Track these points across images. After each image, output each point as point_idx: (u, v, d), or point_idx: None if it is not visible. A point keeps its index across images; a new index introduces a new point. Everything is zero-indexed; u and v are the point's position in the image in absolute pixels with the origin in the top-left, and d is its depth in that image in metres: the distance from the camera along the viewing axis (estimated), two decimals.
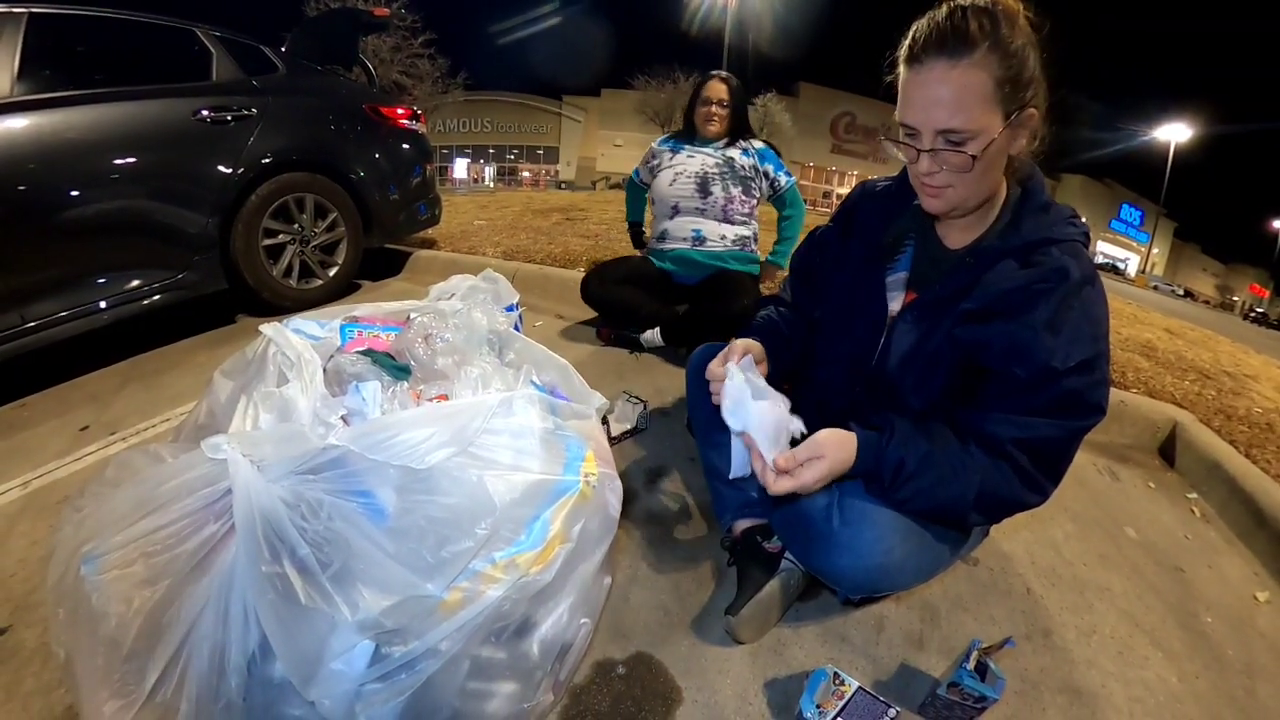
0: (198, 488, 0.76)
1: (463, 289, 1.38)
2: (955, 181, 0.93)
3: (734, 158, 2.44)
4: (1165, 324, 4.58)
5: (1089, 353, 0.90)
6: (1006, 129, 0.89)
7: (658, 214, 2.62)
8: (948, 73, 0.85)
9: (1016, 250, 0.97)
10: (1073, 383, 0.90)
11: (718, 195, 2.43)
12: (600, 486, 0.95)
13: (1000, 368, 0.95)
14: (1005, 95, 0.87)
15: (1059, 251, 0.95)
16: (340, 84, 3.38)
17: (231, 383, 1.03)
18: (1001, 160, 0.95)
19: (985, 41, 0.84)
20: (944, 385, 1.03)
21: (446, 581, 0.76)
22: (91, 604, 0.74)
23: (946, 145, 0.90)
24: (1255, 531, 1.69)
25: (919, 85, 0.89)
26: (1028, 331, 0.91)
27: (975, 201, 0.99)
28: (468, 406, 0.84)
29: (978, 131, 0.88)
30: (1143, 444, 2.21)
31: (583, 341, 2.71)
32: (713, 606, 1.25)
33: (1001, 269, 0.97)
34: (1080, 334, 0.91)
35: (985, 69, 0.85)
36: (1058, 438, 0.94)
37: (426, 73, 22.86)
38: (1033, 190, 1.02)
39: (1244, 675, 1.23)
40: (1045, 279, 0.93)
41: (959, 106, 0.86)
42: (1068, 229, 0.98)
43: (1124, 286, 22.26)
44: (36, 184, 2.04)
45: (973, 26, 0.84)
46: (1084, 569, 1.49)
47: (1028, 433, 0.93)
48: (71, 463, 1.70)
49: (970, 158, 0.89)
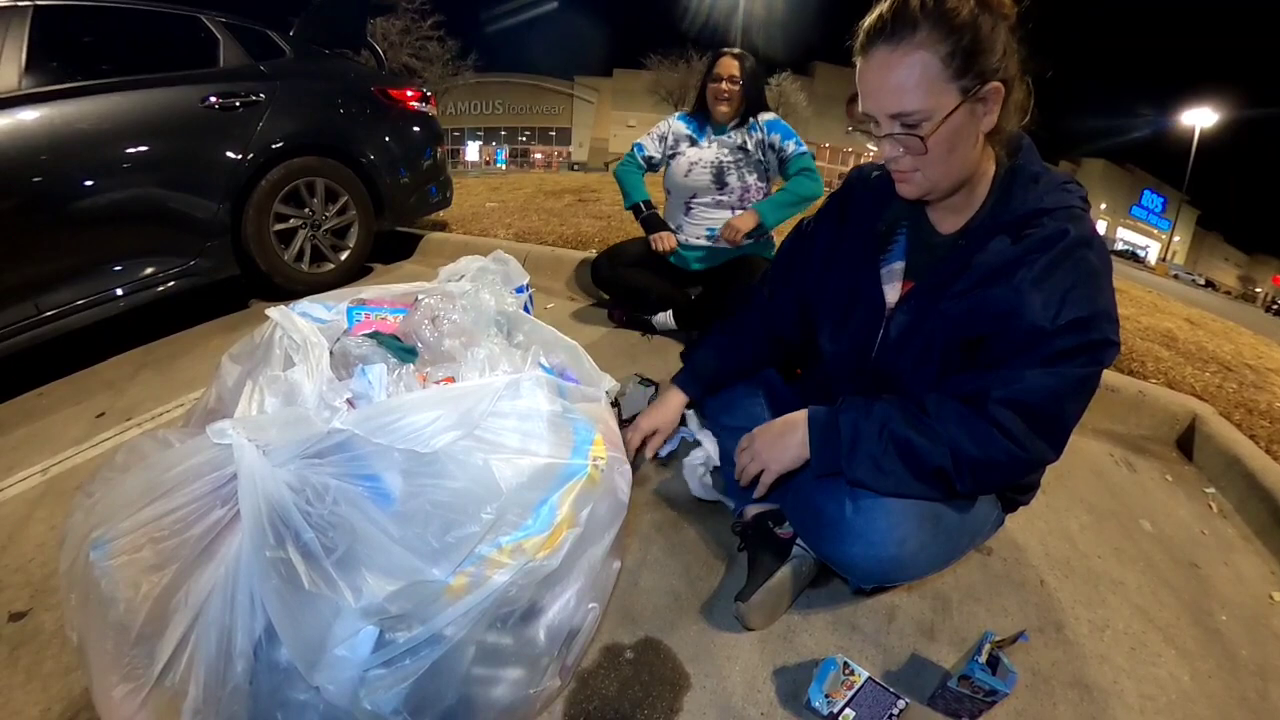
0: (204, 473, 0.76)
1: (472, 270, 1.38)
2: (919, 165, 0.92)
3: (746, 144, 2.38)
4: (1186, 314, 4.49)
5: (1083, 311, 0.87)
6: (965, 105, 0.86)
7: (672, 204, 2.55)
8: (888, 57, 0.86)
9: (1008, 225, 0.94)
10: (1065, 341, 0.88)
11: (734, 185, 2.39)
12: (609, 470, 0.94)
13: (990, 332, 0.93)
14: (956, 70, 0.85)
15: (1051, 220, 0.91)
16: (349, 67, 3.35)
17: (239, 367, 1.02)
18: (969, 138, 0.91)
19: (927, 20, 0.83)
20: (941, 366, 1.01)
21: (452, 566, 0.75)
22: (101, 589, 0.74)
23: (901, 130, 0.89)
24: (1273, 529, 1.65)
25: (866, 74, 0.90)
26: (1014, 294, 0.89)
27: (949, 183, 0.96)
28: (474, 389, 0.83)
29: (929, 112, 0.86)
30: (1161, 435, 2.17)
31: (594, 323, 2.70)
32: (723, 592, 1.24)
33: (994, 246, 0.95)
34: (1072, 293, 0.88)
35: (927, 47, 0.83)
36: (1046, 397, 0.90)
37: (436, 55, 22.76)
38: (1022, 163, 0.98)
39: (1257, 677, 1.20)
40: (1033, 246, 0.90)
41: (902, 90, 0.86)
42: (1061, 195, 0.94)
43: (1144, 274, 21.86)
44: (49, 175, 2.05)
45: (913, 5, 0.83)
46: (1098, 562, 1.47)
47: (1014, 385, 0.90)
48: (89, 449, 1.72)
49: (920, 139, 0.88)
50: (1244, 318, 8.87)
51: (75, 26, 2.38)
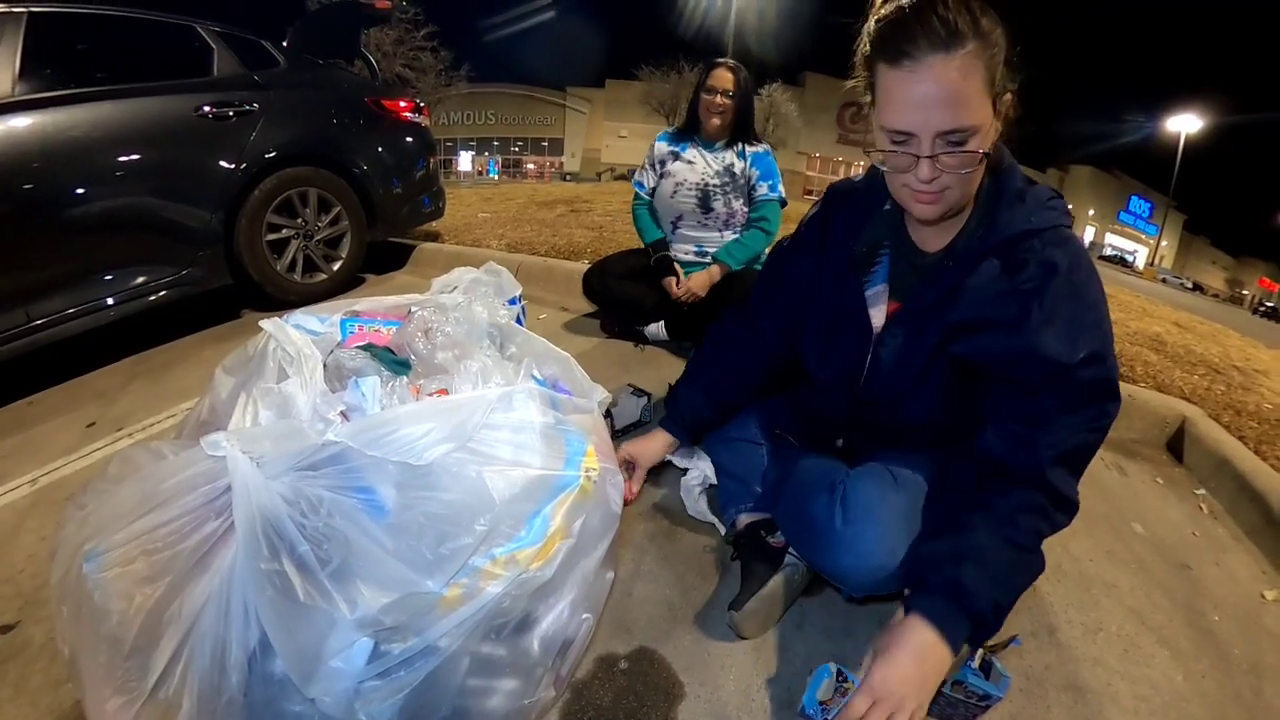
0: (198, 485, 0.76)
1: (465, 282, 1.38)
2: (954, 183, 0.87)
3: (733, 165, 2.38)
4: (1174, 317, 4.53)
5: (1096, 343, 0.88)
6: (995, 119, 0.86)
7: (660, 221, 2.56)
8: (946, 66, 0.79)
9: (997, 248, 0.93)
10: (1087, 374, 0.88)
11: (719, 210, 2.40)
12: (601, 481, 0.95)
13: (1007, 374, 0.92)
14: (990, 81, 0.82)
15: (1041, 243, 0.91)
16: (342, 77, 3.37)
17: (233, 379, 1.03)
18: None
19: (970, 30, 0.79)
20: (942, 396, 1.02)
21: (446, 578, 0.76)
22: (94, 601, 0.74)
23: (948, 147, 0.83)
24: (1264, 529, 1.67)
25: (911, 84, 0.81)
26: (1028, 337, 0.88)
27: (966, 200, 0.95)
28: (467, 401, 0.84)
29: (979, 126, 0.82)
30: (1151, 439, 2.19)
31: (587, 334, 2.70)
32: (716, 601, 1.24)
33: (984, 271, 0.94)
34: (1083, 323, 0.88)
35: (977, 56, 0.79)
36: (1090, 442, 0.91)
37: (430, 65, 22.80)
38: (1005, 179, 0.96)
39: (1251, 675, 1.21)
40: (1032, 278, 0.90)
41: (961, 103, 0.80)
42: (1047, 214, 0.93)
43: (1132, 279, 21.99)
44: (41, 182, 2.05)
45: (957, 16, 0.79)
46: (1090, 565, 1.48)
47: (1060, 448, 0.89)
48: (79, 459, 1.71)
49: (978, 154, 0.84)
50: (1232, 320, 8.93)
51: (70, 34, 2.39)
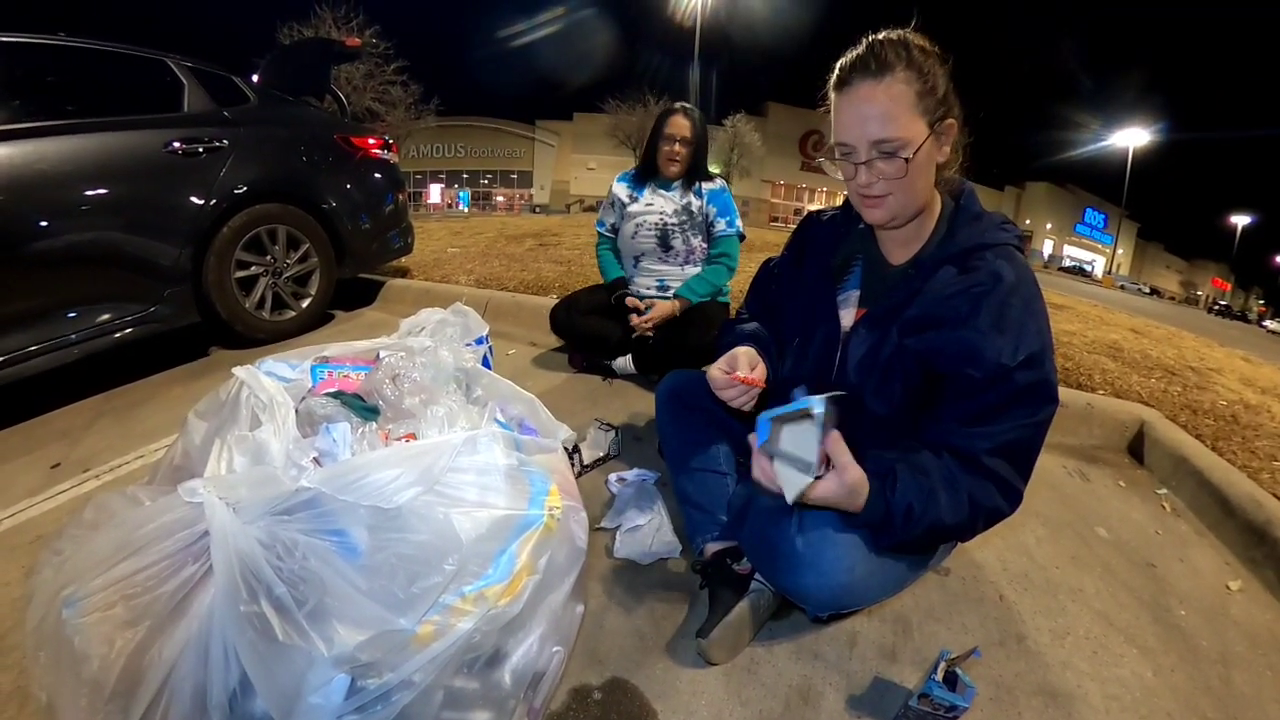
0: (176, 530, 0.79)
1: (432, 323, 1.42)
2: (893, 189, 1.02)
3: (691, 203, 2.46)
4: (1131, 324, 4.70)
5: (1035, 346, 0.98)
6: (931, 136, 1.00)
7: (622, 259, 2.66)
8: (874, 89, 0.97)
9: (954, 257, 1.06)
10: (1025, 376, 0.97)
11: (679, 248, 2.49)
12: (565, 519, 0.99)
13: (954, 371, 1.02)
14: (926, 106, 0.98)
15: (993, 255, 1.04)
16: (312, 114, 3.39)
17: (205, 424, 1.06)
18: (931, 167, 1.04)
19: (900, 62, 0.97)
20: (903, 391, 1.10)
21: (418, 616, 0.79)
22: (73, 647, 0.76)
23: (881, 155, 0.99)
24: (1225, 522, 1.74)
25: (849, 105, 1.00)
26: (975, 334, 0.99)
27: (912, 209, 1.08)
28: (433, 446, 0.88)
29: (908, 139, 0.98)
30: (1112, 444, 2.26)
31: (555, 369, 2.72)
32: (686, 629, 1.26)
33: (941, 276, 1.06)
34: (1025, 330, 0.99)
35: (905, 83, 0.97)
36: (1025, 437, 1.00)
37: (399, 99, 22.80)
38: (965, 204, 1.12)
39: (1219, 664, 1.26)
40: (981, 282, 1.02)
41: (888, 117, 0.97)
42: (999, 234, 1.07)
43: (1091, 288, 22.40)
44: (5, 215, 2.02)
45: (888, 51, 0.97)
46: (1056, 572, 1.52)
47: (997, 440, 0.99)
48: (43, 501, 1.68)
49: (904, 161, 0.98)
50: (1188, 321, 9.19)
51: (40, 65, 2.38)
